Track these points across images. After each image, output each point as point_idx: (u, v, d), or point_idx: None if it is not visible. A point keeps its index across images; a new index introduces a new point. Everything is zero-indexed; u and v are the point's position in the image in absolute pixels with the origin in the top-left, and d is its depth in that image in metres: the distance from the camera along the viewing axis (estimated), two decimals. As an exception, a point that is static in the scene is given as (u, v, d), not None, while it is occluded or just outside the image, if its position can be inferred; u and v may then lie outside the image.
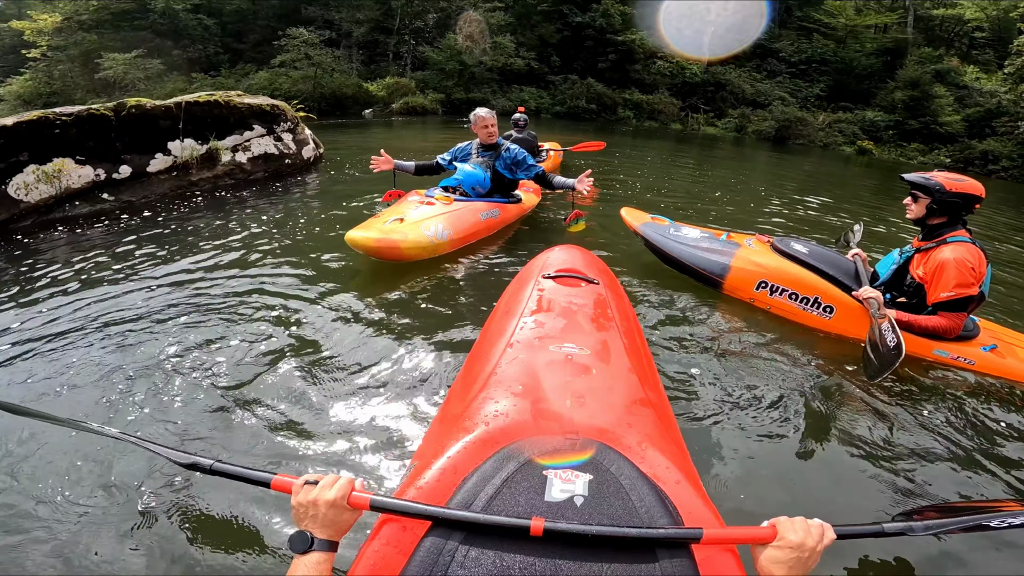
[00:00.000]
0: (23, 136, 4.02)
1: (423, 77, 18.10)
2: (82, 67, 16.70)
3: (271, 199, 4.97)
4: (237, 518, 1.50)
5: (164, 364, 2.21)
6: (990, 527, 0.99)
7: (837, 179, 10.75)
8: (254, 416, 1.91)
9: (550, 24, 19.48)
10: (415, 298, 2.91)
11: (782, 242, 2.96)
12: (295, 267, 3.27)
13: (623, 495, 0.92)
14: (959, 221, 2.35)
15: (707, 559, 0.86)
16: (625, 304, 2.01)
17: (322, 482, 0.90)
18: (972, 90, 18.47)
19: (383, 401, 2.03)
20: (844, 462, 1.91)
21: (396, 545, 0.87)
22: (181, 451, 1.06)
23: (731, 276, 2.94)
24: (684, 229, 3.31)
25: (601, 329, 1.62)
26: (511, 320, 1.65)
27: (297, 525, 0.89)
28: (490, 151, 3.92)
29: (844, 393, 2.31)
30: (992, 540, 1.59)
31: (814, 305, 2.72)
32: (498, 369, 1.38)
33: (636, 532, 0.82)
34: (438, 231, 3.36)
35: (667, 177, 7.97)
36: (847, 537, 0.90)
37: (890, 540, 1.50)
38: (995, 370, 2.45)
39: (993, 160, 15.46)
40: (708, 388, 2.25)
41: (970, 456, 1.99)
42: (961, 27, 21.46)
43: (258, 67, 17.24)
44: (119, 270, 3.17)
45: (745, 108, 18.83)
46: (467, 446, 1.07)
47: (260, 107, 5.82)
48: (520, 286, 1.96)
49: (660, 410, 1.36)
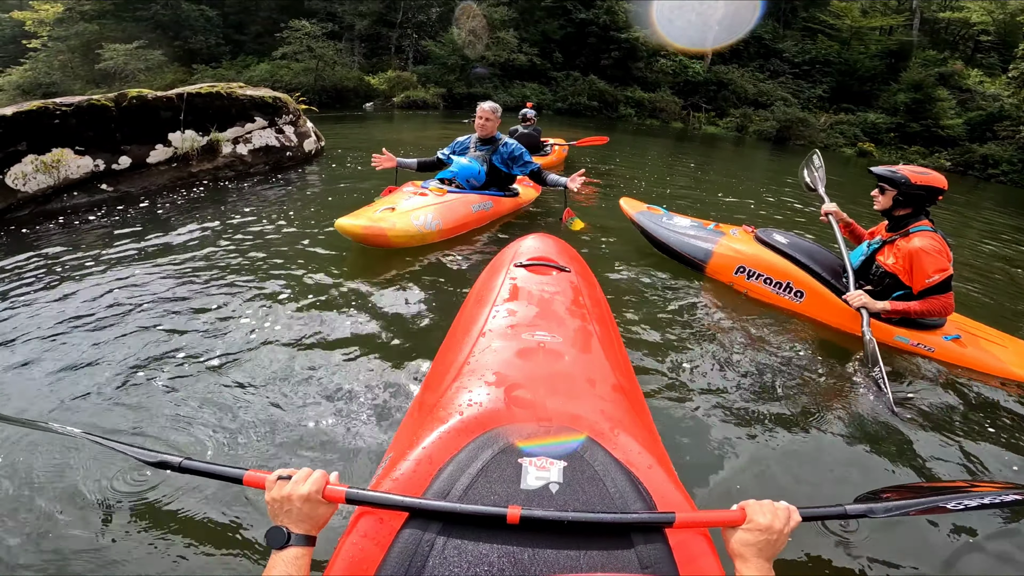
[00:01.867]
0: (22, 126, 3.99)
1: (425, 71, 18.04)
2: (82, 57, 16.63)
3: (271, 192, 4.95)
4: (212, 516, 1.47)
5: (137, 361, 2.16)
6: (947, 509, 1.02)
7: (833, 181, 10.74)
8: (224, 411, 1.88)
9: (553, 20, 19.40)
10: (399, 289, 2.91)
11: (765, 233, 3.18)
12: (287, 260, 3.24)
13: (597, 481, 0.93)
14: (923, 212, 2.49)
15: (681, 543, 0.87)
16: (597, 291, 2.04)
17: (295, 476, 0.89)
18: (975, 94, 18.43)
19: (357, 393, 2.01)
20: (809, 445, 1.96)
21: (373, 538, 0.87)
22: (148, 449, 1.05)
23: (713, 261, 3.23)
24: (676, 218, 3.60)
25: (573, 316, 1.63)
26: (483, 309, 1.65)
27: (273, 521, 0.88)
28: (488, 145, 3.96)
29: (810, 379, 2.39)
30: (950, 520, 1.64)
31: (786, 290, 2.94)
32: (471, 358, 1.38)
33: (611, 518, 0.84)
34: (427, 220, 3.42)
35: (668, 174, 7.96)
36: (812, 519, 0.94)
37: (853, 522, 1.57)
38: (954, 359, 2.55)
39: (993, 164, 15.45)
40: (679, 373, 2.31)
41: (930, 440, 2.05)
42: (967, 30, 21.39)
43: (259, 59, 17.18)
44: (113, 262, 3.15)
45: (747, 108, 18.79)
46: (442, 436, 1.06)
47: (262, 99, 5.79)
48: (492, 275, 1.96)
49: (632, 396, 1.38)
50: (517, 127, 6.63)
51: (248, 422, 1.83)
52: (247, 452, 1.71)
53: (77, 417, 1.85)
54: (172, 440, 1.75)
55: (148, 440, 1.74)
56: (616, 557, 0.81)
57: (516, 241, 2.17)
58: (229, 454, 1.69)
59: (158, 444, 1.73)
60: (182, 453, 1.04)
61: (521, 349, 1.38)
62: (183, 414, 1.87)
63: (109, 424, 1.82)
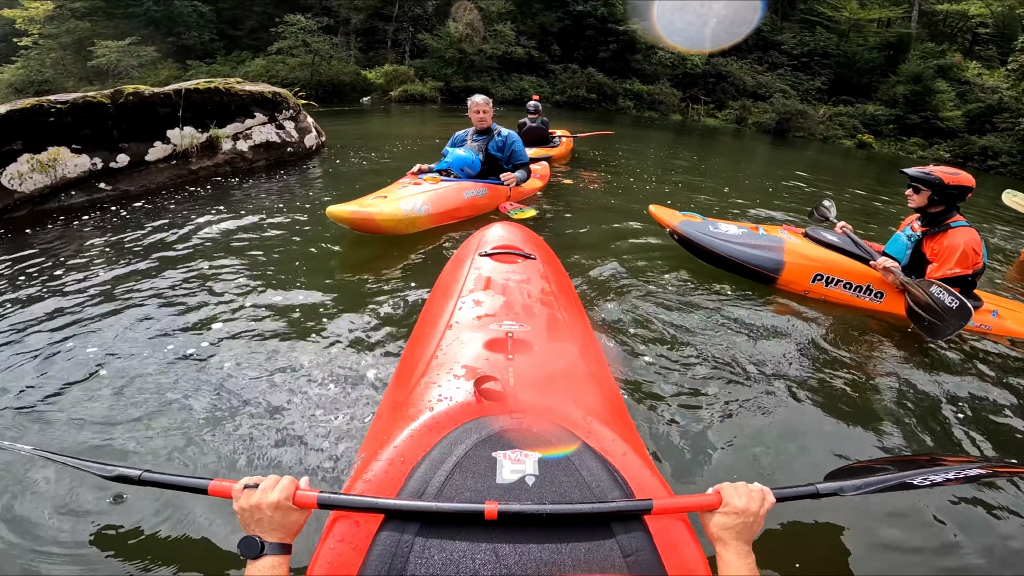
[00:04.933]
0: (17, 124, 3.90)
1: (422, 65, 17.88)
2: (74, 55, 16.43)
3: (272, 188, 4.87)
4: (182, 528, 1.38)
5: (98, 366, 2.06)
6: (914, 485, 1.04)
7: (836, 172, 10.72)
8: (189, 419, 1.79)
9: (551, 12, 19.26)
10: (382, 285, 2.85)
11: (815, 232, 3.10)
12: (278, 262, 3.15)
13: (573, 471, 0.93)
14: (955, 208, 2.66)
15: (661, 530, 0.87)
16: (564, 278, 2.01)
17: (263, 484, 0.87)
18: (974, 86, 18.43)
19: (325, 394, 1.93)
20: (779, 424, 1.96)
21: (351, 542, 0.84)
22: (105, 463, 1.01)
23: (787, 271, 3.00)
24: (722, 226, 3.28)
25: (541, 305, 1.62)
26: (449, 301, 1.62)
27: (244, 530, 0.85)
28: (483, 135, 4.13)
29: (776, 356, 2.41)
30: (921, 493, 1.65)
31: (867, 292, 2.91)
32: (439, 352, 1.35)
33: (588, 508, 0.84)
34: (416, 206, 3.47)
35: (669, 168, 7.90)
36: (786, 499, 0.95)
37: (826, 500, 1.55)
38: (1005, 331, 2.76)
39: (992, 156, 15.46)
40: (649, 358, 2.29)
41: (896, 415, 2.09)
42: (965, 22, 21.36)
43: (254, 54, 16.99)
44: (111, 263, 3.05)
45: (746, 100, 18.75)
46: (413, 434, 1.03)
47: (262, 94, 5.69)
48: (457, 265, 1.93)
49: (603, 383, 1.36)
50: (525, 120, 6.65)
51: (212, 429, 1.74)
52: (210, 460, 1.63)
53: (37, 429, 1.74)
54: (131, 450, 1.65)
55: (105, 452, 1.64)
56: (598, 547, 0.81)
57: (480, 230, 2.14)
58: (194, 462, 1.61)
59: (116, 455, 1.63)
60: (141, 465, 0.99)
61: (490, 340, 1.34)
62: (144, 422, 1.77)
63: (67, 435, 1.72)
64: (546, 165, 5.38)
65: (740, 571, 0.84)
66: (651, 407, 1.97)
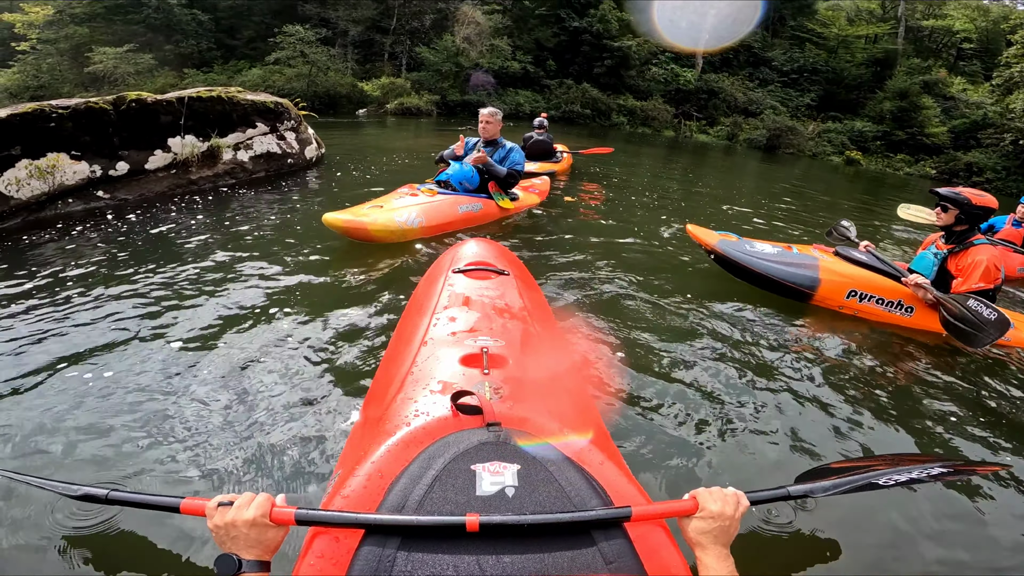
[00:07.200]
0: (16, 129, 3.87)
1: (418, 78, 18.04)
2: (72, 61, 16.38)
3: (272, 199, 4.86)
4: (157, 546, 1.33)
5: (85, 378, 2.02)
6: (880, 485, 1.09)
7: (823, 187, 10.89)
8: (159, 434, 1.75)
9: (547, 28, 19.56)
10: (368, 300, 2.81)
11: (845, 251, 3.26)
12: (273, 274, 3.10)
13: (552, 481, 0.93)
14: (978, 228, 2.86)
15: (641, 536, 0.88)
16: (536, 292, 2.06)
17: (237, 501, 0.86)
18: (958, 101, 18.87)
19: (301, 411, 1.90)
20: (751, 429, 2.00)
21: (331, 558, 0.84)
22: (70, 483, 1.00)
23: (823, 288, 3.12)
24: (757, 245, 3.40)
25: (515, 319, 1.64)
26: (424, 317, 1.65)
27: (220, 548, 0.84)
28: (490, 147, 4.18)
29: (750, 362, 2.47)
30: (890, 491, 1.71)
31: (898, 307, 3.03)
32: (414, 368, 1.36)
33: (568, 517, 0.85)
34: (409, 217, 3.57)
35: (666, 183, 8.00)
36: (759, 502, 1.00)
37: (799, 502, 1.62)
38: (1021, 343, 2.88)
39: (977, 172, 15.79)
40: (621, 367, 2.32)
41: (864, 419, 2.16)
42: (950, 38, 21.92)
43: (251, 64, 17.06)
44: (104, 275, 2.98)
45: (737, 116, 19.06)
46: (391, 449, 1.04)
47: (264, 104, 5.71)
48: (431, 282, 1.96)
49: (578, 394, 1.39)
50: (531, 134, 6.90)
51: (185, 445, 1.70)
52: (183, 476, 1.59)
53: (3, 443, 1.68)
54: (104, 464, 1.62)
55: (77, 466, 1.60)
56: (580, 555, 0.82)
57: (453, 247, 2.17)
58: (166, 479, 1.57)
59: (88, 470, 1.58)
60: (108, 484, 0.98)
61: (465, 356, 1.36)
62: (115, 438, 1.72)
63: (37, 449, 1.67)
64: (547, 180, 5.47)
65: (720, 573, 0.86)
66: (626, 416, 1.99)
